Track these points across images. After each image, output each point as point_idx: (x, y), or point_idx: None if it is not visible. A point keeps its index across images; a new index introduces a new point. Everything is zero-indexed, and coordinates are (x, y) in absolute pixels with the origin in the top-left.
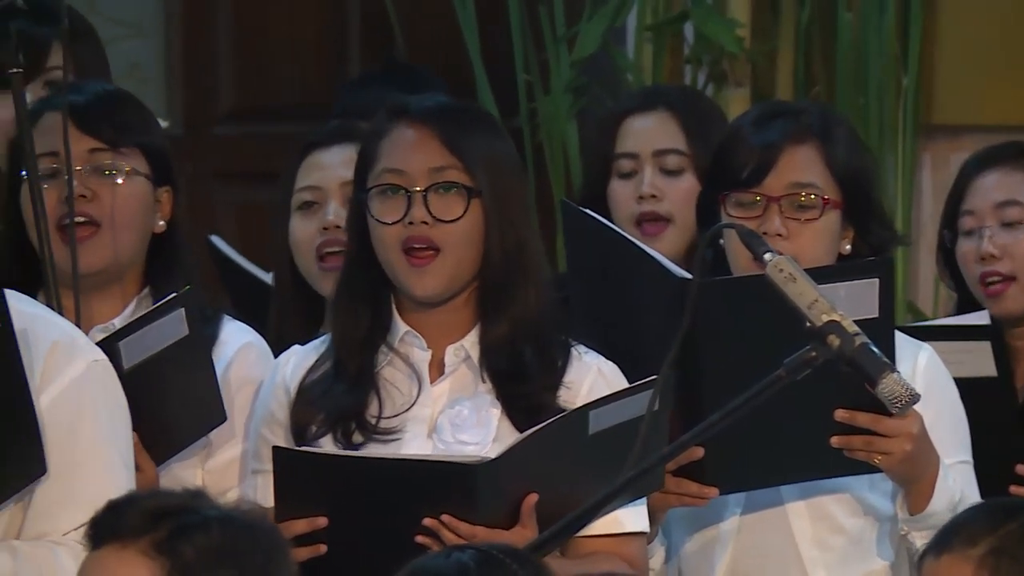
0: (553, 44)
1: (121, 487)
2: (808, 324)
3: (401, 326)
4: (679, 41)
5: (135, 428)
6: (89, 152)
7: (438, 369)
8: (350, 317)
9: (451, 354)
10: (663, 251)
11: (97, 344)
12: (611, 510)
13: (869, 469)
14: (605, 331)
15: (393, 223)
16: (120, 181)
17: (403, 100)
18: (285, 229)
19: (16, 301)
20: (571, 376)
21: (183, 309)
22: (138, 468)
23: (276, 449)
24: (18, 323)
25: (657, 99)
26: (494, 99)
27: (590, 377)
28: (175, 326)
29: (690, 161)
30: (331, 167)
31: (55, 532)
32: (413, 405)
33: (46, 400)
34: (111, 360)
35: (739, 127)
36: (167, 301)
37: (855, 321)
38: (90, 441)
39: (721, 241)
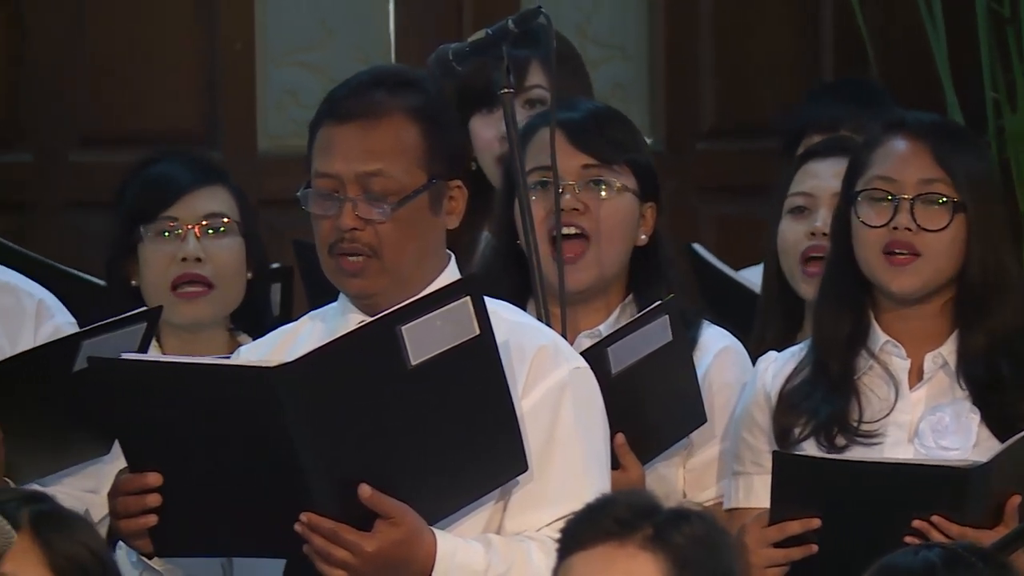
0: (1020, 63)
1: (594, 487)
2: None
3: (880, 335)
4: None
5: (621, 429)
6: (582, 168)
7: (916, 375)
8: (832, 319)
9: (929, 361)
10: None
11: (585, 351)
12: None
13: None
14: None
15: (878, 227)
16: (610, 196)
17: (900, 114)
18: (775, 232)
19: (502, 310)
20: None
21: (667, 316)
22: (624, 467)
23: (776, 454)
24: (504, 332)
25: None
26: (963, 116)
27: None
28: (660, 332)
29: None
30: (825, 177)
31: (530, 528)
32: (892, 410)
33: (529, 403)
34: (599, 365)
35: None
36: (652, 309)
37: None
38: (565, 443)
39: None
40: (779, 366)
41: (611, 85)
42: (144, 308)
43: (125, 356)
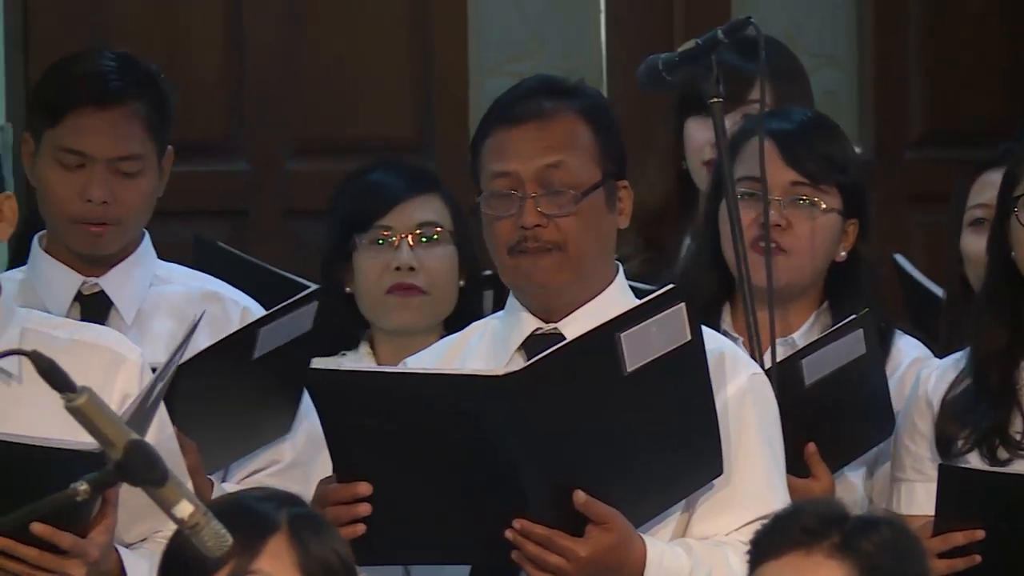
0: None
1: (777, 491)
2: None
3: None
4: None
5: (813, 439)
6: (790, 184)
7: None
8: (989, 331)
9: None
10: None
11: (779, 362)
12: None
13: None
14: None
15: None
16: (814, 216)
17: None
18: (957, 244)
19: None
20: None
21: (862, 330)
22: (814, 476)
23: (942, 467)
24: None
25: None
26: None
27: None
28: (854, 345)
29: None
30: None
31: (719, 532)
32: None
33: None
34: (792, 377)
35: None
36: (848, 322)
37: None
38: (750, 447)
39: None
40: (941, 373)
41: (820, 93)
42: (313, 288)
43: (346, 367)
